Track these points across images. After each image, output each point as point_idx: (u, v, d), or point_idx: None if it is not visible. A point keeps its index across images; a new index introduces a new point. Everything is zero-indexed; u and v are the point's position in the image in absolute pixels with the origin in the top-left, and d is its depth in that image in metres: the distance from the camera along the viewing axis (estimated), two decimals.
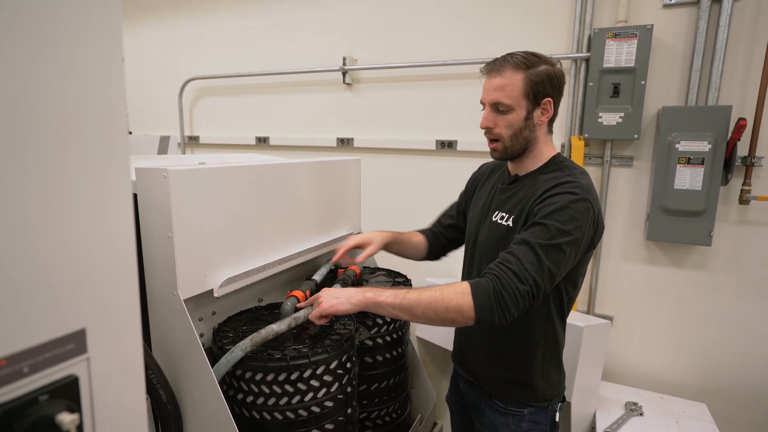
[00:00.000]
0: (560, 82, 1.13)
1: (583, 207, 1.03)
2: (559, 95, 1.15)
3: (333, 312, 1.03)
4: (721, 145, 1.74)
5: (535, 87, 1.10)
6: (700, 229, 1.82)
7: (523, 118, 1.12)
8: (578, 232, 1.01)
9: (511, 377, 1.21)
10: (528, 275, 0.97)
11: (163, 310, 1.01)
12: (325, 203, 1.49)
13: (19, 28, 0.37)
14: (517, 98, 1.11)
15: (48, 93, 0.40)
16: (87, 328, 0.42)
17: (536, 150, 1.17)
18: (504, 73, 1.12)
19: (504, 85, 1.11)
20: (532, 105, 1.12)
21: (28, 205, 0.38)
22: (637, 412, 1.81)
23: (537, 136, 1.16)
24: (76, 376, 0.41)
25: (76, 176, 0.42)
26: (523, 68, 1.10)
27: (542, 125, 1.15)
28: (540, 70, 1.10)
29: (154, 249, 0.99)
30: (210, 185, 1.04)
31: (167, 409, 0.96)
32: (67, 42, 0.41)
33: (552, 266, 0.99)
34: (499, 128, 1.14)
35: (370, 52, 2.46)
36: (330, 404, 1.03)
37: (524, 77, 1.10)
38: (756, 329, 1.88)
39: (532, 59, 1.11)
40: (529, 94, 1.11)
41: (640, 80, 1.86)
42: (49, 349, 0.39)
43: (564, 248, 1.00)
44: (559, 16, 2.04)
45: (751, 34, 1.76)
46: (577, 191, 1.04)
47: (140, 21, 3.11)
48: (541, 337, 1.18)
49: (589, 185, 1.08)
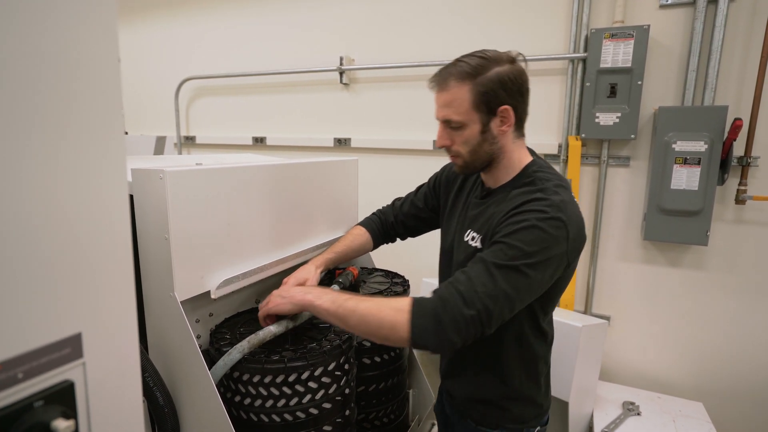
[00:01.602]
0: (517, 83, 0.99)
1: (553, 226, 0.90)
2: (520, 96, 1.01)
3: (276, 311, 1.01)
4: (717, 145, 1.74)
5: (485, 97, 0.97)
6: (696, 228, 1.82)
7: (478, 132, 1.00)
8: (543, 255, 0.89)
9: (482, 397, 1.13)
10: (477, 299, 0.85)
11: (159, 312, 1.00)
12: (323, 204, 1.49)
13: (14, 30, 0.36)
14: (466, 113, 0.99)
15: (41, 93, 0.39)
16: (83, 332, 0.41)
17: (506, 160, 1.05)
18: (449, 87, 1.00)
19: (450, 100, 1.00)
20: (487, 116, 0.99)
21: (23, 207, 0.38)
22: (634, 411, 1.82)
23: (502, 146, 1.03)
24: (71, 381, 0.41)
25: (72, 178, 0.42)
26: (469, 78, 0.97)
27: (505, 134, 1.02)
28: (489, 77, 0.97)
29: (151, 250, 0.98)
30: (207, 186, 1.04)
31: (164, 411, 0.95)
32: (62, 42, 0.40)
33: (510, 290, 0.87)
34: (456, 145, 1.03)
35: (367, 52, 2.45)
36: (328, 406, 1.02)
37: (471, 88, 0.97)
38: (752, 328, 1.89)
39: (480, 64, 0.98)
40: (480, 106, 0.98)
41: (636, 80, 1.86)
42: (44, 354, 0.38)
43: (525, 271, 0.88)
44: (556, 16, 2.04)
45: (747, 35, 1.77)
46: (546, 209, 0.91)
47: (136, 20, 3.10)
48: (514, 359, 1.07)
49: (562, 201, 0.94)
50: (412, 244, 1.81)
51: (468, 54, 1.02)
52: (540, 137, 2.13)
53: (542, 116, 2.13)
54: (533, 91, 1.07)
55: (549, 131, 2.12)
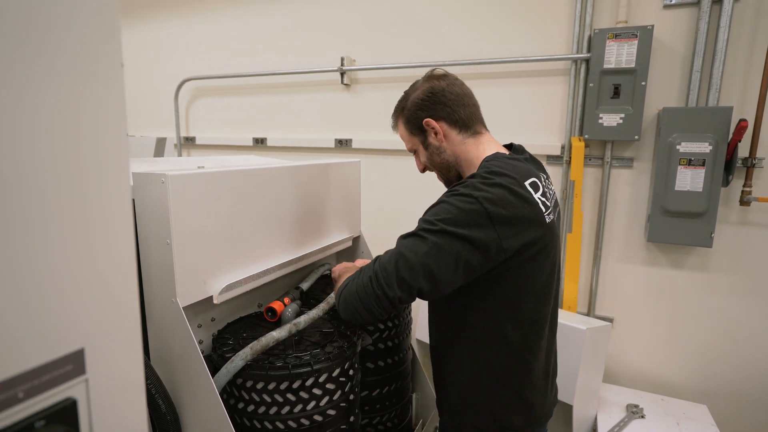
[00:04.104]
0: (428, 96, 1.11)
1: (461, 201, 0.93)
2: (438, 105, 1.10)
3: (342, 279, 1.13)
4: (721, 147, 1.73)
5: (411, 123, 1.15)
6: (700, 230, 1.81)
7: (425, 150, 1.16)
8: (446, 224, 0.91)
9: (445, 403, 1.14)
10: (375, 265, 0.97)
11: (161, 318, 0.99)
12: (326, 206, 1.47)
13: (15, 34, 0.35)
14: (409, 140, 1.18)
15: (43, 99, 0.38)
16: (85, 347, 0.40)
17: (464, 163, 1.12)
18: (396, 128, 1.22)
19: (400, 135, 1.22)
20: (422, 135, 1.15)
21: (22, 219, 0.36)
22: (638, 414, 1.81)
23: (453, 152, 1.12)
24: (74, 399, 0.39)
25: (73, 188, 0.40)
26: (399, 113, 1.18)
27: (446, 140, 1.11)
28: (408, 106, 1.15)
29: (152, 255, 0.97)
30: (209, 190, 1.02)
31: (166, 419, 0.94)
32: (64, 48, 0.39)
33: (405, 251, 0.93)
34: (427, 166, 1.21)
35: (368, 53, 2.44)
36: (332, 412, 1.01)
37: (403, 121, 1.17)
38: (757, 330, 1.88)
39: (403, 99, 1.17)
40: (413, 130, 1.16)
41: (640, 81, 1.85)
42: (46, 372, 0.37)
43: (422, 235, 0.92)
44: (559, 16, 2.03)
45: (752, 35, 1.76)
46: (458, 189, 0.96)
47: (135, 21, 3.08)
48: (467, 366, 1.06)
49: (483, 183, 0.94)
50: None
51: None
52: (543, 138, 2.12)
53: (545, 117, 2.11)
54: (536, 92, 1.09)
55: (552, 132, 2.11)
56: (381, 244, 1.79)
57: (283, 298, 1.20)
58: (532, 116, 2.13)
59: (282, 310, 1.16)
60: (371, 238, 1.74)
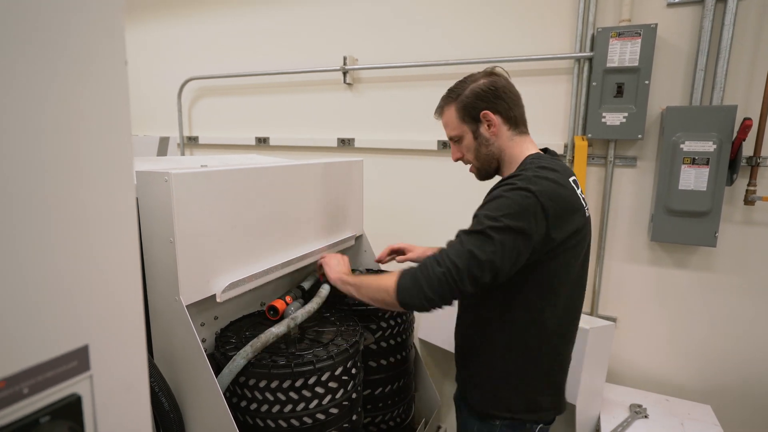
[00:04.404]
0: (491, 90, 1.15)
1: (519, 195, 0.98)
2: (498, 100, 1.15)
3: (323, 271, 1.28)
4: (726, 145, 1.72)
5: (466, 110, 1.17)
6: (704, 229, 1.80)
7: (473, 139, 1.19)
8: (509, 219, 0.97)
9: (472, 379, 1.18)
10: (447, 259, 0.99)
11: (164, 316, 0.99)
12: (328, 205, 1.47)
13: (20, 33, 0.35)
14: (458, 127, 1.19)
15: (46, 98, 0.38)
16: (90, 344, 0.40)
17: (508, 157, 1.18)
18: (443, 112, 1.23)
19: (446, 122, 1.23)
20: (474, 124, 1.17)
21: (28, 218, 0.37)
22: (641, 414, 1.80)
23: (500, 146, 1.17)
24: (78, 395, 0.39)
25: (78, 187, 0.41)
26: (452, 100, 1.19)
27: (497, 134, 1.16)
28: (466, 93, 1.16)
29: (156, 254, 0.97)
30: (212, 188, 1.03)
31: (170, 417, 0.94)
32: (69, 47, 0.39)
33: (475, 249, 0.96)
34: (465, 155, 1.23)
35: (370, 52, 2.44)
36: (335, 411, 1.01)
37: (455, 106, 1.19)
38: (761, 330, 1.87)
39: (459, 87, 1.19)
40: (465, 118, 1.18)
41: (644, 80, 1.84)
42: (51, 368, 0.37)
43: (488, 233, 0.97)
44: (561, 15, 2.02)
45: (757, 33, 1.75)
46: (515, 182, 1.01)
47: (138, 20, 3.09)
48: (501, 343, 1.12)
49: (535, 176, 1.01)
50: (420, 242, 1.80)
51: (454, 84, 1.22)
52: (546, 137, 2.11)
53: (548, 116, 2.11)
54: (538, 91, 1.12)
55: (555, 131, 2.11)
56: (383, 243, 1.79)
57: (285, 297, 1.20)
58: (534, 115, 2.10)
59: (284, 308, 1.16)
60: (374, 237, 1.74)
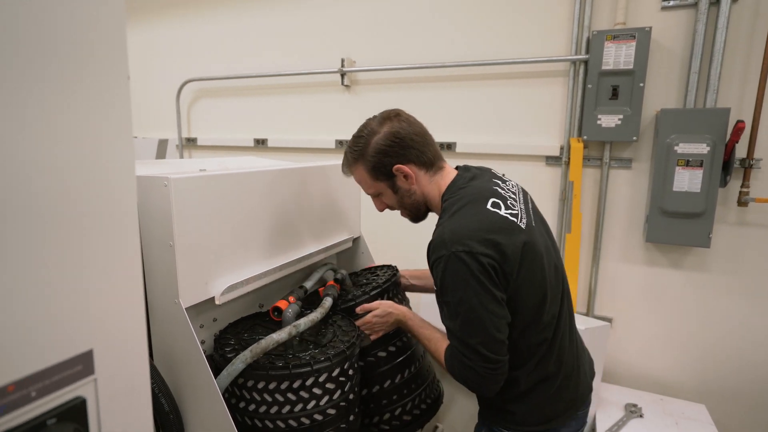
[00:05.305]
0: (395, 142, 1.07)
1: (451, 265, 0.95)
2: (407, 150, 1.08)
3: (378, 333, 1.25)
4: (719, 147, 1.74)
5: (376, 169, 1.10)
6: (698, 230, 1.82)
7: (392, 194, 1.14)
8: (464, 291, 0.95)
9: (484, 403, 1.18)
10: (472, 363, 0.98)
11: (164, 319, 1.00)
12: (326, 207, 1.49)
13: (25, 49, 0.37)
14: (373, 185, 1.14)
15: (50, 110, 0.40)
16: (94, 348, 0.42)
17: (432, 198, 1.14)
18: (351, 172, 1.17)
19: (357, 180, 1.18)
20: (389, 180, 1.12)
21: (33, 228, 0.38)
22: (636, 413, 1.82)
23: (423, 192, 1.13)
24: (83, 398, 0.41)
25: (82, 194, 0.42)
26: (357, 159, 1.12)
27: (417, 181, 1.11)
28: (370, 152, 1.09)
29: (155, 257, 0.98)
30: (211, 192, 1.04)
31: (169, 418, 0.96)
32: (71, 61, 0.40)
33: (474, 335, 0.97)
34: (391, 206, 1.19)
35: (368, 54, 2.45)
36: (332, 412, 1.02)
37: (363, 166, 1.12)
38: (755, 330, 1.89)
39: (359, 144, 1.11)
40: (378, 176, 1.12)
41: (638, 82, 1.86)
42: (57, 372, 0.39)
43: (469, 315, 0.96)
44: (557, 18, 2.04)
45: (749, 36, 1.77)
46: (440, 251, 0.97)
47: (136, 22, 3.10)
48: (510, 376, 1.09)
49: (452, 226, 0.98)
50: (417, 243, 1.82)
51: (353, 135, 1.16)
52: (541, 139, 2.13)
53: (544, 118, 2.13)
54: (534, 93, 1.08)
55: (551, 133, 2.12)
56: (381, 245, 1.81)
57: (288, 297, 1.21)
58: (531, 117, 2.15)
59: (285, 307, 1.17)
60: (371, 239, 1.75)
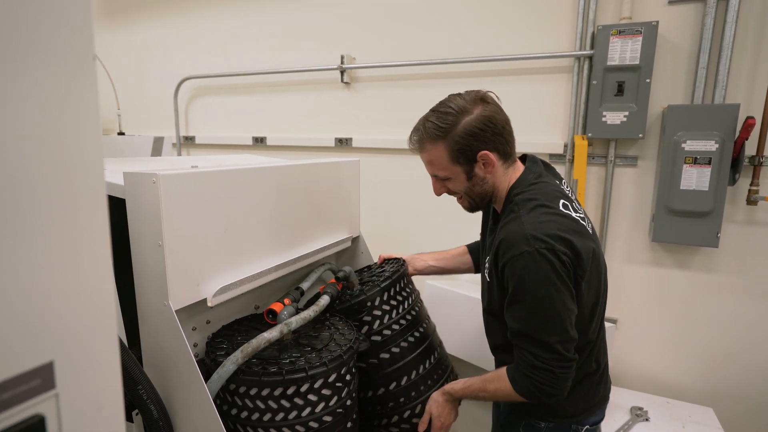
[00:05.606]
0: (489, 127, 1.02)
1: (533, 262, 0.94)
2: (496, 136, 1.03)
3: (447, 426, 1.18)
4: (728, 145, 1.70)
5: (461, 152, 1.03)
6: (706, 230, 1.78)
7: (465, 180, 1.07)
8: (547, 288, 0.94)
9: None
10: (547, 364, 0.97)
11: (153, 321, 0.96)
12: (324, 206, 1.44)
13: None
14: (448, 168, 1.06)
15: (3, 93, 0.35)
16: (55, 360, 0.37)
17: (499, 191, 1.10)
18: (426, 148, 1.07)
19: (430, 159, 1.08)
20: (468, 165, 1.05)
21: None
22: (642, 417, 1.77)
23: (494, 183, 1.08)
24: (42, 415, 0.37)
25: (41, 189, 0.38)
26: (440, 138, 1.03)
27: (493, 172, 1.07)
28: (458, 131, 1.01)
29: (144, 257, 0.94)
30: (202, 190, 1.00)
31: (158, 425, 0.92)
32: (29, 39, 0.36)
33: (554, 333, 0.96)
34: (453, 192, 1.13)
35: (368, 51, 2.41)
36: (329, 419, 0.98)
37: (445, 145, 1.03)
38: (764, 332, 1.85)
39: (447, 121, 1.02)
40: (458, 159, 1.04)
41: (645, 78, 1.82)
42: (10, 387, 0.34)
43: (550, 312, 0.95)
44: (562, 13, 1.99)
45: (759, 31, 1.72)
46: (522, 248, 0.95)
47: (134, 19, 3.06)
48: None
49: (532, 223, 0.97)
50: (417, 242, 1.78)
51: (435, 109, 1.06)
52: (545, 136, 2.09)
53: (547, 115, 2.08)
54: (538, 89, 1.06)
55: (555, 130, 2.08)
56: (381, 244, 1.77)
57: (284, 299, 1.17)
58: (534, 114, 2.10)
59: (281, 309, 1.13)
60: (371, 238, 1.71)
